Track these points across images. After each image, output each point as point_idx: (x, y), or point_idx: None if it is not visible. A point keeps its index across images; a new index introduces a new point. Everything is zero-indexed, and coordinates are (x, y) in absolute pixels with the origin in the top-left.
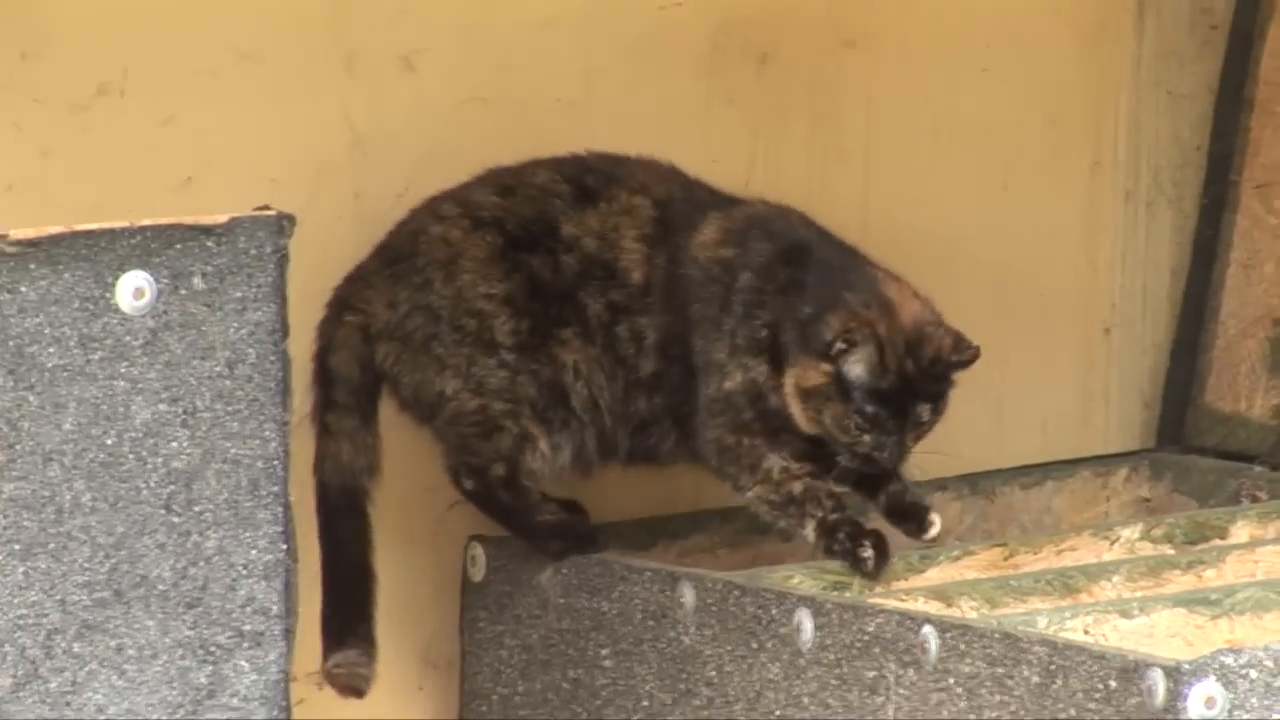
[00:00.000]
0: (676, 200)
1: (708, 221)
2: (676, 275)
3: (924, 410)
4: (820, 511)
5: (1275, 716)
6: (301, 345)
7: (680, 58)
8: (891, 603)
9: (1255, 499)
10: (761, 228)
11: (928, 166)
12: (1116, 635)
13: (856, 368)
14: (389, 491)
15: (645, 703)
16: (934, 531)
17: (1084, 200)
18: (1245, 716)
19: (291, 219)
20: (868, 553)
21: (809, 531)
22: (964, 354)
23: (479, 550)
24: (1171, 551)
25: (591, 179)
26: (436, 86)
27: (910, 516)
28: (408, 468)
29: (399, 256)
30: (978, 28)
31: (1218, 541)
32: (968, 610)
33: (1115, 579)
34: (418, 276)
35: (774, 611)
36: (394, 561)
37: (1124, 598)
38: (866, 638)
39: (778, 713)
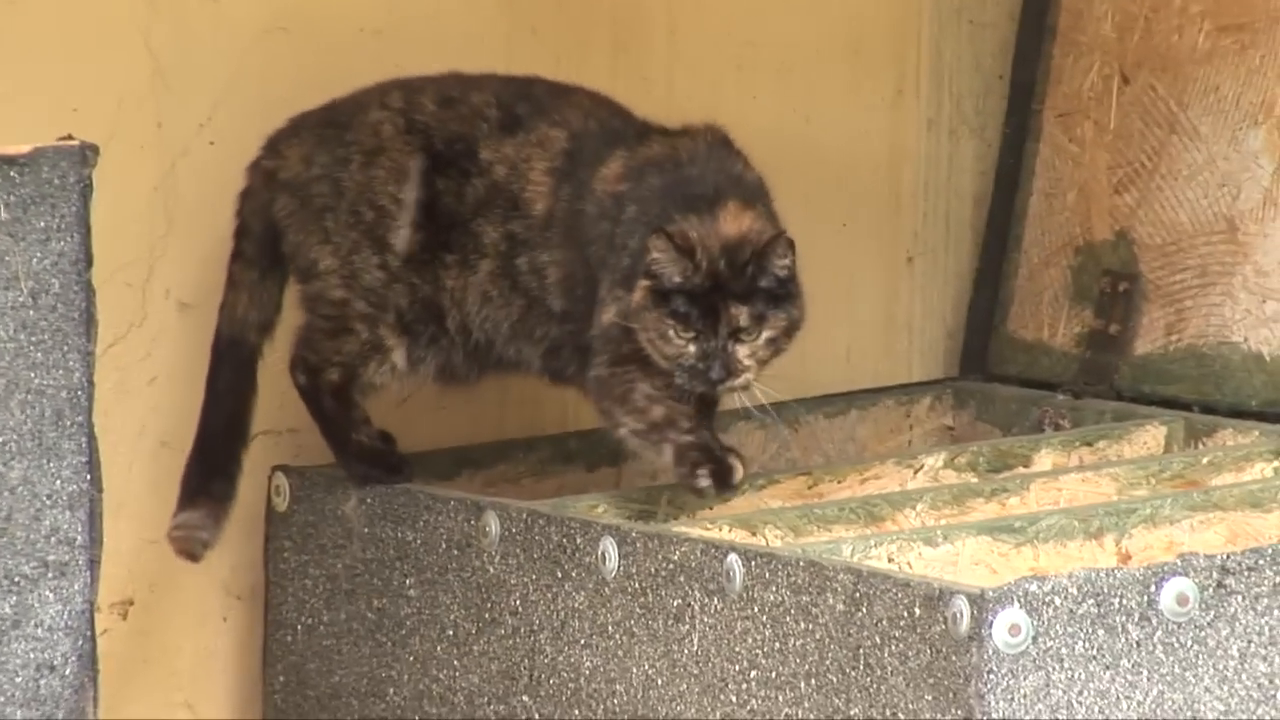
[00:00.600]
0: (590, 134)
1: (614, 156)
2: (576, 211)
3: (740, 313)
4: (676, 434)
5: (1078, 644)
6: (104, 275)
7: None
8: (696, 531)
9: (1058, 427)
10: (658, 165)
11: (731, 96)
12: (921, 563)
13: (666, 269)
14: (192, 422)
15: (450, 631)
16: (737, 478)
17: (887, 129)
18: (1049, 643)
19: (95, 149)
20: (704, 482)
21: (668, 458)
22: (775, 242)
23: (283, 480)
24: (975, 480)
25: (523, 107)
26: (238, 16)
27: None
28: None
29: (335, 121)
30: None
31: (1021, 469)
32: (772, 539)
33: (919, 507)
34: (341, 149)
35: (579, 540)
36: None
37: (928, 526)
38: (671, 566)
39: (582, 641)
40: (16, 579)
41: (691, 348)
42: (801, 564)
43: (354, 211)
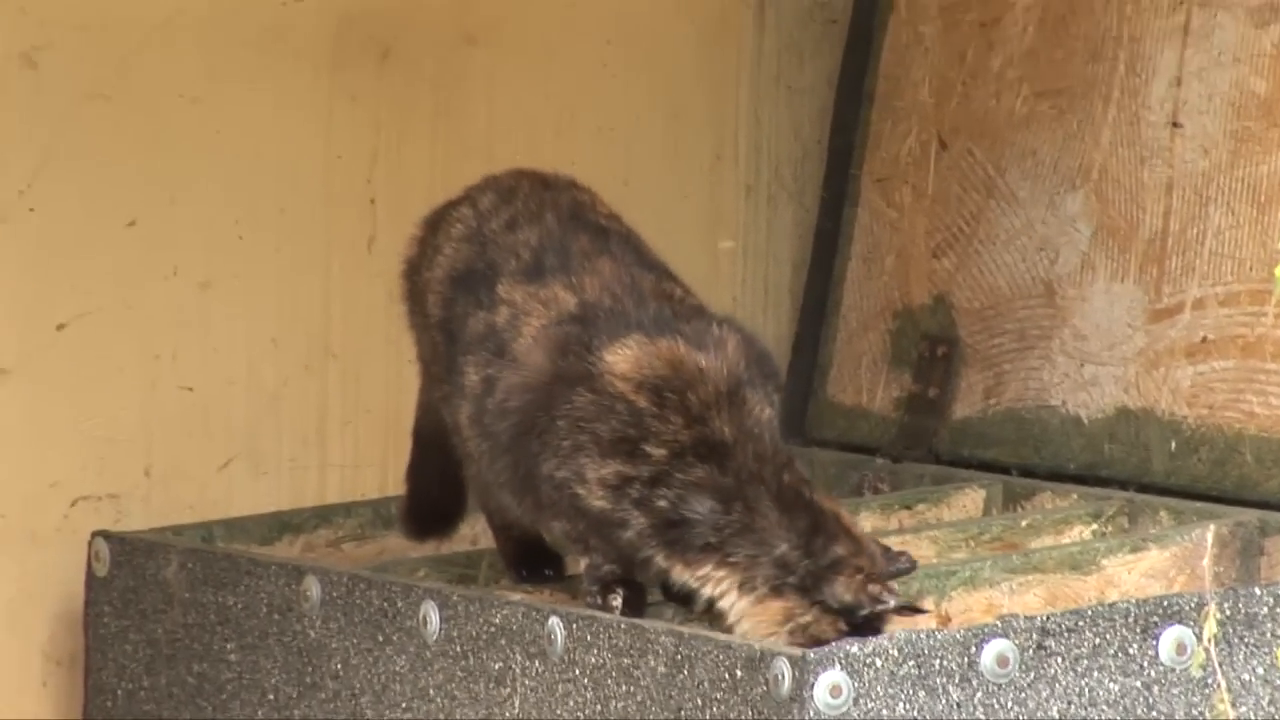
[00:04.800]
0: (603, 309)
1: (625, 342)
2: (578, 371)
3: None
4: (600, 559)
5: (899, 705)
6: None
7: (302, 53)
8: (518, 595)
9: (877, 490)
10: (678, 392)
11: (550, 162)
12: None
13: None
14: (11, 487)
15: (271, 696)
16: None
17: (705, 195)
18: (870, 705)
19: None
20: (617, 600)
21: (583, 566)
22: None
23: (103, 546)
24: None
25: (551, 259)
26: (58, 83)
27: None
28: (33, 463)
29: (450, 201)
30: (599, 23)
31: None
32: None
33: None
34: (433, 236)
35: (400, 604)
36: (16, 557)
37: None
38: (493, 629)
39: (404, 705)
40: None
41: None
42: (623, 627)
43: (422, 306)
